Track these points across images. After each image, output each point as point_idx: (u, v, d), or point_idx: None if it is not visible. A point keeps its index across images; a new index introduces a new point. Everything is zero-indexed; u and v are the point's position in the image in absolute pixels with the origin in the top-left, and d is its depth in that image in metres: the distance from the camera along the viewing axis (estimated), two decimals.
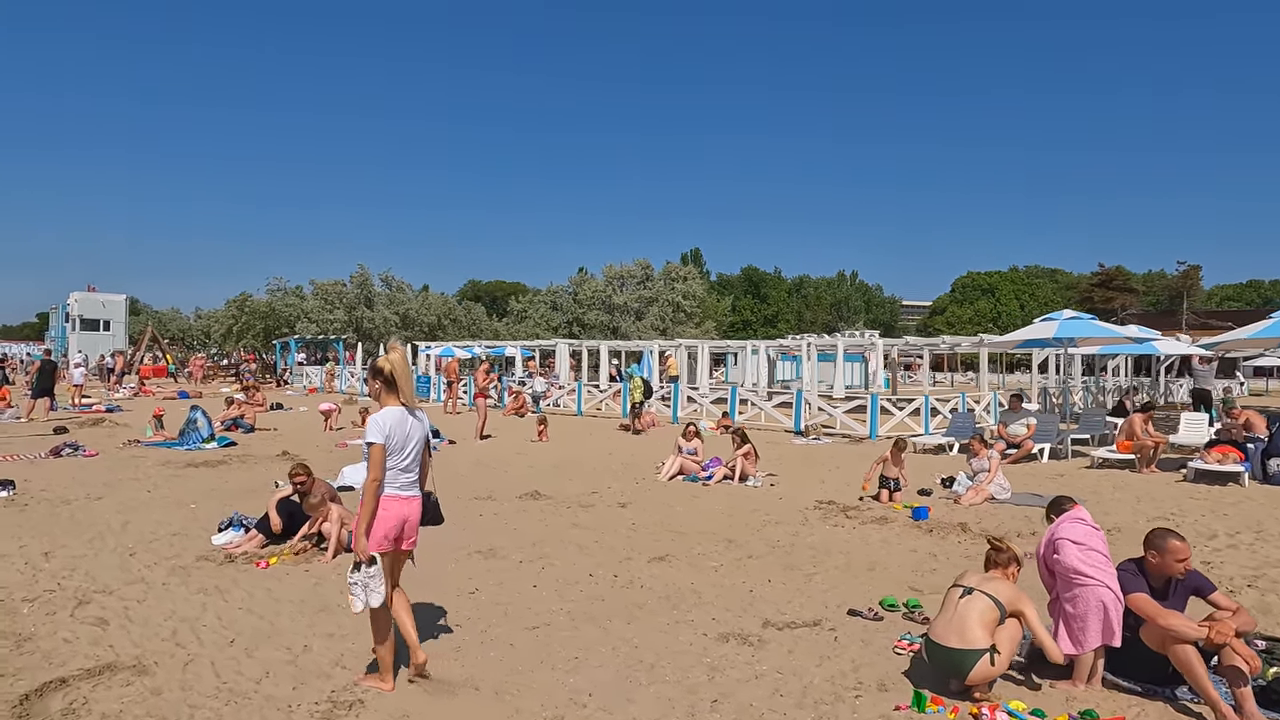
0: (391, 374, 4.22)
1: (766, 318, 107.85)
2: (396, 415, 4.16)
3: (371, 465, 4.06)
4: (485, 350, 33.93)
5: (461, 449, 15.42)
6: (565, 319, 54.60)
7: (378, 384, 4.25)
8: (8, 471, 11.71)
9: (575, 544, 7.69)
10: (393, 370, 4.22)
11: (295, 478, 7.68)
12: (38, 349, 74.31)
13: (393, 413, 4.16)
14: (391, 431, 4.11)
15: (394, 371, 4.22)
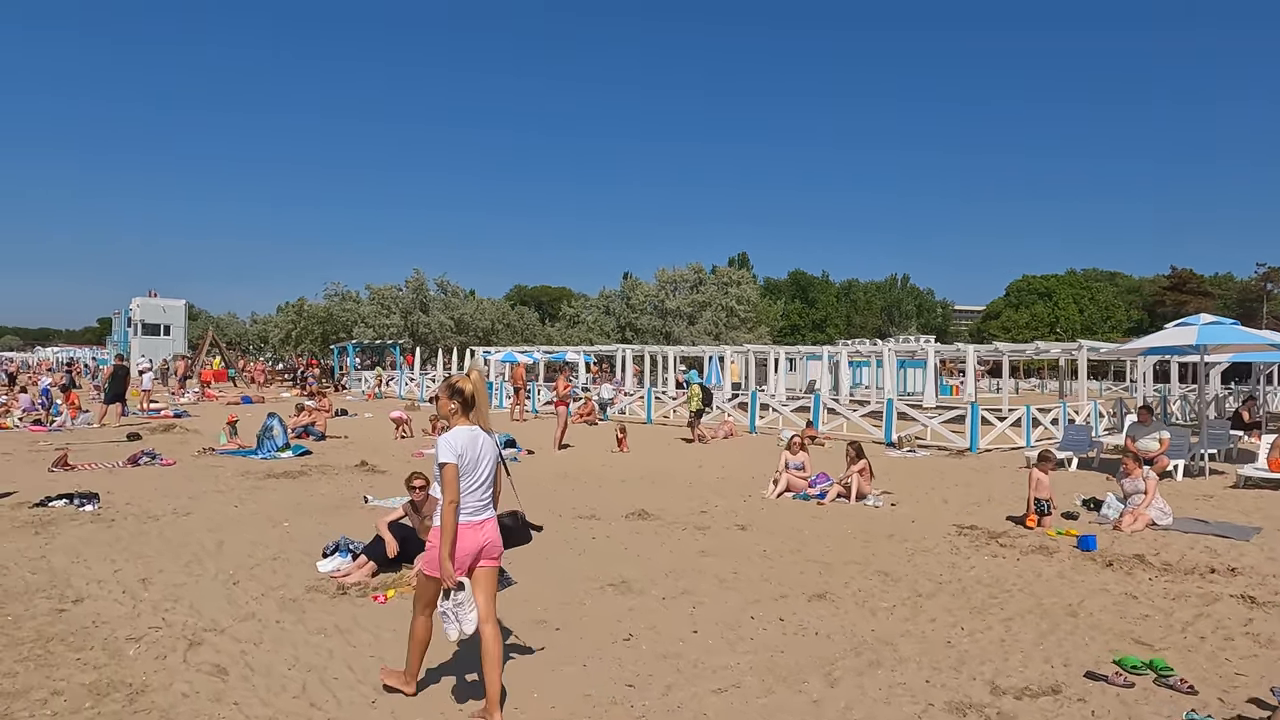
0: (472, 396, 4.13)
1: (815, 322, 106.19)
2: (467, 435, 4.04)
3: (446, 487, 3.92)
4: (545, 355, 33.42)
5: (542, 460, 14.73)
6: (617, 324, 53.94)
7: (454, 404, 4.12)
8: (89, 482, 11.30)
9: (714, 576, 6.88)
10: (474, 393, 4.13)
11: (415, 486, 7.01)
12: (102, 354, 76.14)
13: (463, 432, 4.04)
14: (463, 451, 3.98)
15: (475, 394, 4.13)
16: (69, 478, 11.80)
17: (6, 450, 14.87)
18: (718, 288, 56.11)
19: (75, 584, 6.47)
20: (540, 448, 16.13)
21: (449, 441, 3.97)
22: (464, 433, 4.03)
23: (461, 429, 4.05)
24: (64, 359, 60.09)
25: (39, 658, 4.95)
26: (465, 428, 4.06)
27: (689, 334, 52.77)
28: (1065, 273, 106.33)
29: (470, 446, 4.01)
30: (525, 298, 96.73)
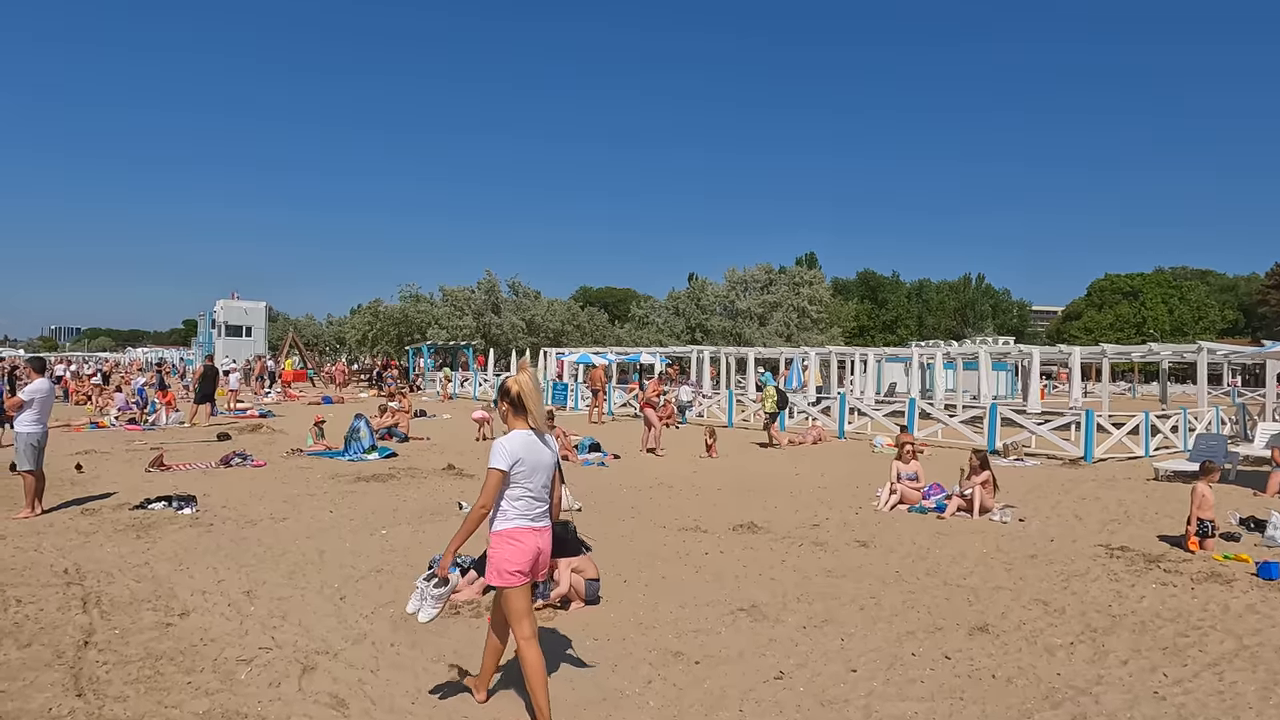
0: (520, 395, 3.90)
1: (885, 323, 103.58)
2: (524, 440, 3.86)
3: (484, 490, 3.78)
4: (618, 356, 33.05)
5: (630, 465, 14.24)
6: (687, 325, 53.33)
7: (505, 405, 3.95)
8: (185, 483, 11.27)
9: (851, 601, 6.24)
10: (520, 391, 3.90)
11: None
12: (188, 354, 79.08)
13: (520, 437, 3.86)
14: (520, 457, 3.80)
15: (522, 393, 3.90)
16: (165, 479, 11.82)
17: (105, 449, 15.11)
18: (789, 288, 55.00)
19: (180, 595, 6.21)
20: (624, 452, 15.66)
21: (505, 446, 3.80)
22: (521, 438, 3.85)
23: (520, 433, 3.87)
24: (154, 359, 62.43)
25: (149, 679, 4.64)
26: (523, 432, 3.88)
27: (760, 335, 51.81)
28: (1152, 271, 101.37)
29: (529, 452, 3.84)
30: (590, 299, 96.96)
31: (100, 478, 11.80)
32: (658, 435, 15.83)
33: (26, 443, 9.01)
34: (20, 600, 6.05)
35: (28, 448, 9.01)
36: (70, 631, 5.40)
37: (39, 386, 9.22)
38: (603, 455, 15.01)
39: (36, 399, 9.13)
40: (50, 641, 5.21)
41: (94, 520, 8.91)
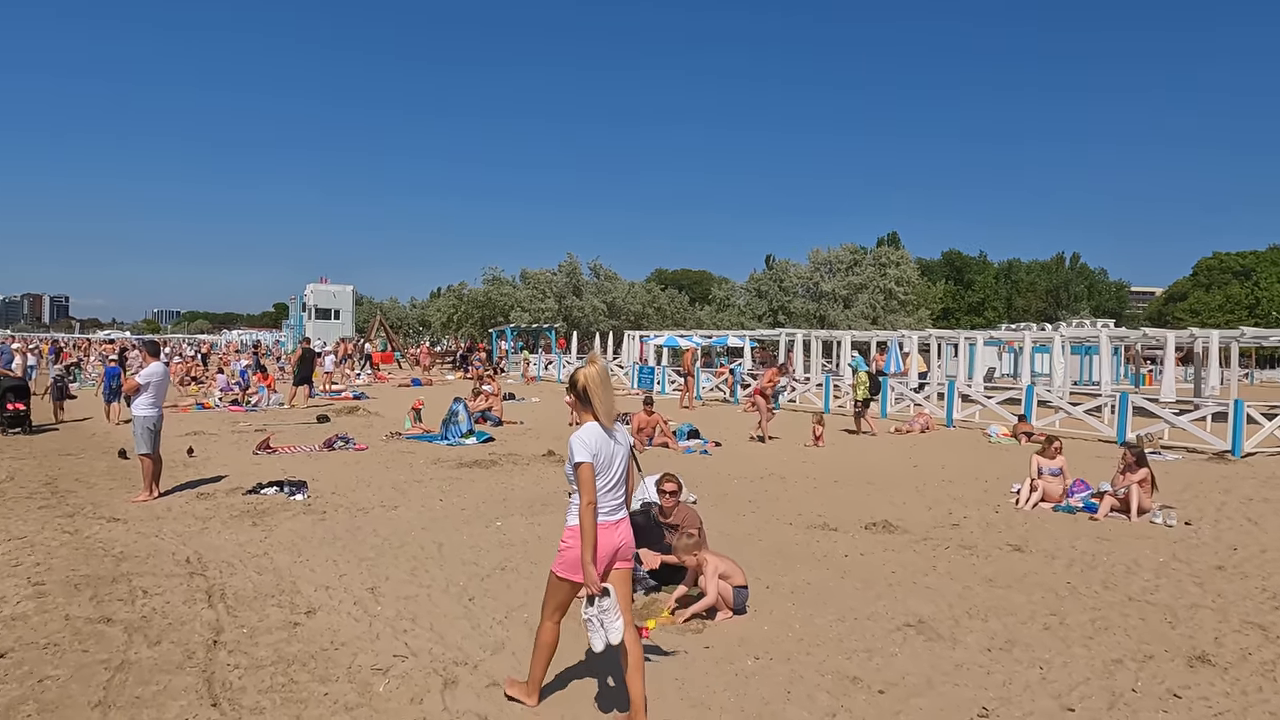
0: (585, 390, 3.79)
1: (971, 305, 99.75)
2: (597, 432, 3.75)
3: (583, 487, 3.68)
4: (703, 340, 32.40)
5: (734, 454, 13.65)
6: (769, 307, 52.23)
7: (572, 397, 3.87)
8: (291, 466, 11.22)
9: (1030, 619, 5.53)
10: (587, 385, 3.79)
11: (665, 490, 6.08)
12: (280, 336, 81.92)
13: (593, 429, 3.76)
14: (598, 449, 3.72)
15: (588, 387, 3.78)
16: (272, 462, 11.81)
17: (212, 430, 15.35)
18: (875, 269, 53.26)
19: (303, 590, 5.94)
20: (719, 438, 15.07)
21: (582, 439, 3.70)
22: (595, 429, 3.76)
23: (594, 425, 3.77)
24: (250, 341, 64.82)
25: (283, 688, 4.32)
26: (593, 424, 3.78)
27: (845, 318, 50.35)
28: (1267, 249, 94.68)
29: (602, 445, 3.75)
30: (666, 282, 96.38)
31: (210, 460, 11.88)
32: (762, 422, 15.15)
33: (143, 426, 8.99)
34: (146, 591, 5.88)
35: (144, 431, 8.99)
36: (198, 628, 5.16)
37: (154, 370, 9.19)
38: (703, 442, 14.48)
39: (152, 382, 9.10)
40: (179, 639, 4.97)
41: (209, 505, 8.84)
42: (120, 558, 6.73)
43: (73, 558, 6.72)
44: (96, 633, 5.07)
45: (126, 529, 7.75)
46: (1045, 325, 50.20)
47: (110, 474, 10.79)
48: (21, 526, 7.79)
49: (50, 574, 6.26)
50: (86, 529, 7.71)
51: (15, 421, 15.15)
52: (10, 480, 10.31)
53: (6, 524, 7.92)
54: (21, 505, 8.79)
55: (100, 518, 8.20)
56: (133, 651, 4.78)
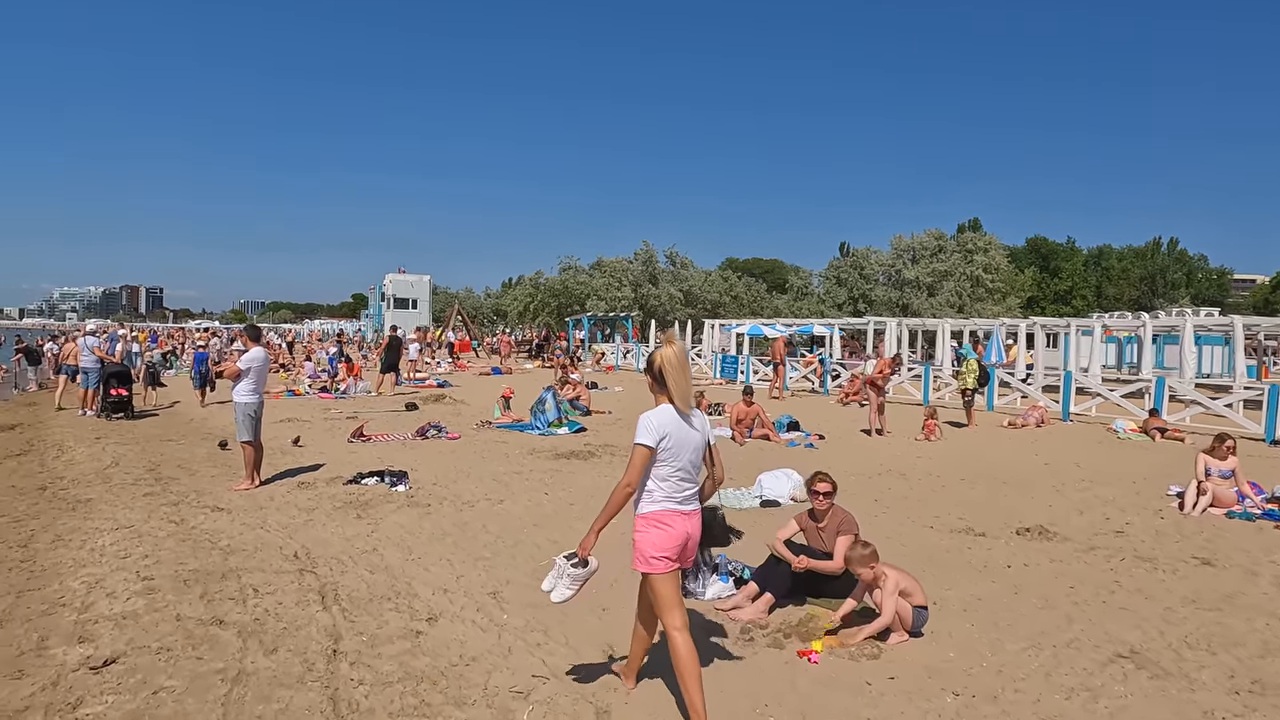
0: (661, 370, 3.65)
1: (1058, 294, 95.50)
2: (670, 415, 3.63)
3: (630, 467, 3.56)
4: (786, 328, 31.39)
5: (842, 447, 12.83)
6: (849, 295, 50.66)
7: (649, 379, 3.75)
8: (388, 455, 10.93)
9: (1269, 653, 4.67)
10: (663, 366, 3.65)
11: (818, 491, 5.42)
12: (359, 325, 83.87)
13: (666, 412, 3.63)
14: (667, 434, 3.58)
15: (664, 367, 3.64)
16: (368, 450, 11.56)
17: (305, 417, 15.29)
18: (961, 255, 51.11)
19: (420, 593, 5.49)
20: (821, 431, 14.25)
21: (651, 422, 3.59)
22: (667, 412, 3.63)
23: (666, 408, 3.65)
24: (333, 330, 66.44)
25: (415, 711, 3.83)
26: (667, 407, 3.65)
27: (929, 306, 48.46)
28: None
29: (676, 428, 3.61)
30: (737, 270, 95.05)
31: (308, 448, 11.69)
32: (878, 416, 14.21)
33: (244, 413, 8.75)
34: (257, 590, 5.51)
35: (246, 418, 8.76)
36: (315, 634, 4.73)
37: (255, 355, 8.93)
38: (805, 435, 13.71)
39: (254, 368, 8.85)
40: (297, 647, 4.55)
41: (311, 495, 8.54)
42: (228, 551, 6.42)
43: (180, 550, 6.44)
44: (210, 636, 4.69)
45: (231, 519, 7.47)
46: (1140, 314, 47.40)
47: (211, 461, 10.67)
48: (128, 514, 7.60)
49: (159, 567, 5.97)
50: (192, 518, 7.47)
51: (118, 406, 15.38)
52: (115, 466, 10.28)
53: (114, 511, 7.75)
54: (127, 492, 8.65)
55: (204, 506, 7.97)
56: (249, 660, 4.37)
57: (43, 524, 7.43)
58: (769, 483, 8.60)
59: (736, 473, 9.95)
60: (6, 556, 6.41)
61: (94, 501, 8.24)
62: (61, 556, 6.33)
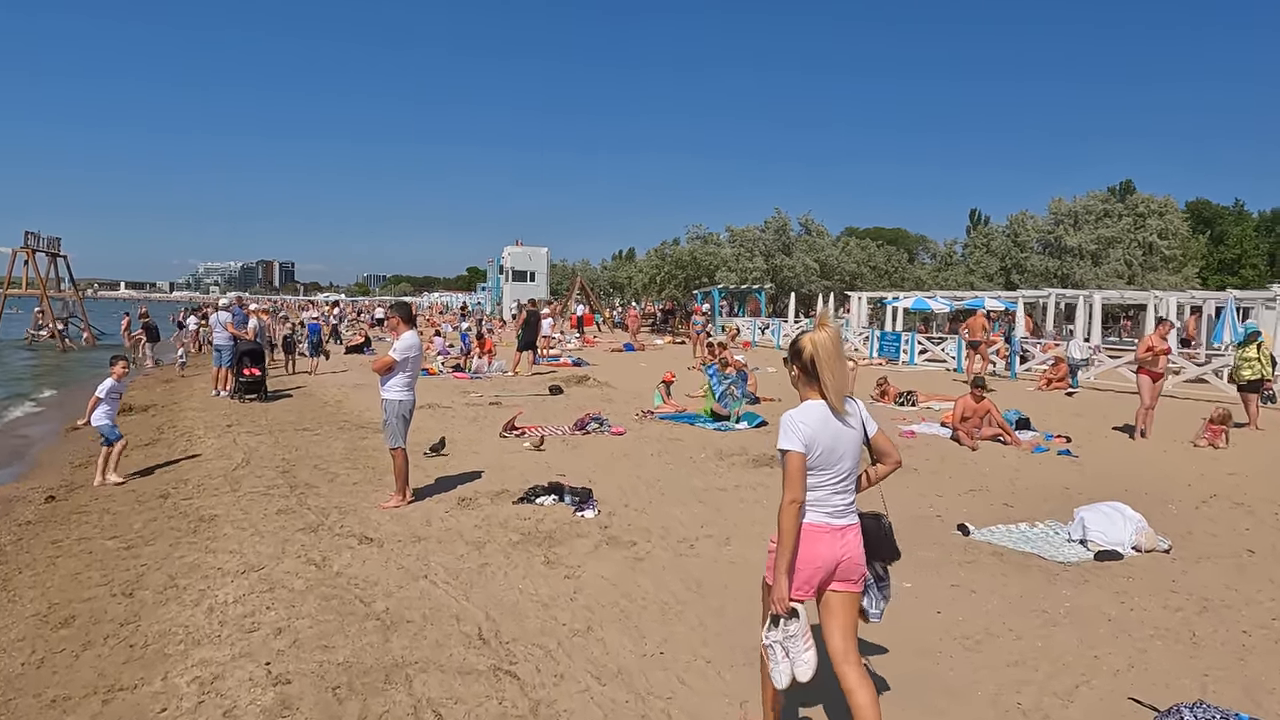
0: (813, 360, 3.04)
1: (1224, 262, 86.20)
2: (819, 414, 3.02)
3: (788, 481, 2.97)
4: (950, 302, 28.05)
5: (1104, 452, 10.10)
6: (1001, 265, 46.26)
7: (795, 369, 3.11)
8: (553, 457, 9.05)
9: None
10: (814, 355, 3.03)
11: None
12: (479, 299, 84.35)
13: (815, 410, 3.03)
14: (814, 436, 2.98)
15: (816, 356, 3.03)
16: (525, 448, 9.74)
17: (445, 402, 13.70)
18: (1131, 220, 45.70)
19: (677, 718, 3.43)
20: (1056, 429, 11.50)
21: (795, 423, 2.99)
22: (816, 410, 3.01)
23: (813, 405, 3.03)
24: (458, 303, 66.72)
25: None
26: (817, 403, 3.03)
27: (1094, 276, 43.55)
28: None
29: (825, 429, 2.99)
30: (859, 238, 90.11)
31: (456, 443, 9.99)
32: (1147, 412, 11.27)
33: (397, 413, 6.98)
34: (434, 705, 3.59)
35: (398, 420, 6.99)
36: None
37: (408, 343, 7.09)
38: (1046, 436, 11.04)
39: (409, 359, 7.04)
40: None
41: (477, 519, 6.69)
42: (386, 624, 4.57)
43: (324, 617, 4.64)
44: None
45: (385, 560, 5.68)
46: None
47: (350, 460, 9.08)
48: (257, 547, 5.94)
49: (297, 653, 4.17)
50: (336, 557, 5.72)
51: (251, 388, 14.30)
52: (246, 465, 8.83)
53: (241, 539, 6.12)
54: (259, 506, 7.07)
55: (349, 535, 6.24)
56: None
57: (158, 552, 5.90)
58: (1096, 523, 6.14)
59: (1003, 496, 7.51)
60: (106, 610, 4.83)
61: (219, 520, 6.67)
62: (173, 617, 4.67)
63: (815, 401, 3.06)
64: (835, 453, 3.02)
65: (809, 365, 3.06)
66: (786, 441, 2.99)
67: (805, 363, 3.07)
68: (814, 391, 3.08)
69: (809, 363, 3.05)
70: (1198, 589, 5.29)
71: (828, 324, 3.11)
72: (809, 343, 3.06)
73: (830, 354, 3.03)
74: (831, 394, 3.04)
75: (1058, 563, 5.79)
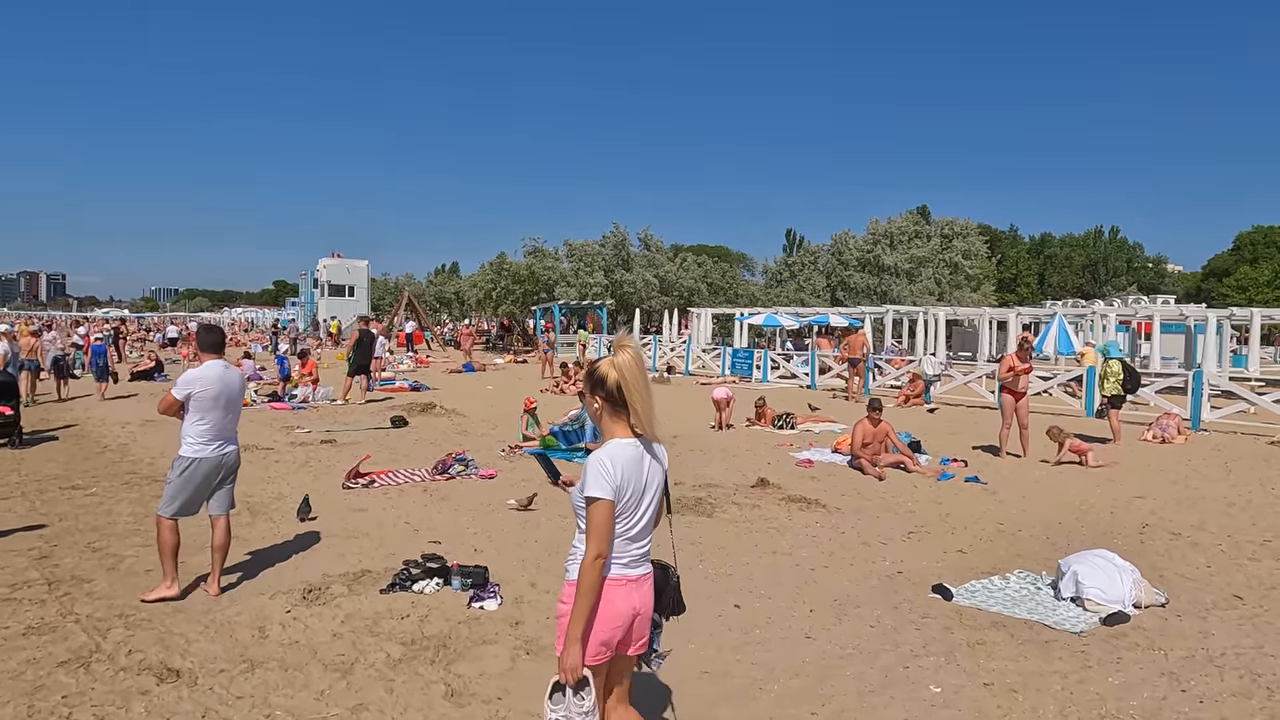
0: (619, 386, 2.67)
1: (1003, 281, 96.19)
2: (631, 454, 2.64)
3: (596, 535, 2.57)
4: (792, 319, 28.32)
5: (1006, 477, 9.70)
6: (827, 282, 48.23)
7: (598, 401, 2.70)
8: (415, 511, 7.27)
9: None
10: (620, 380, 2.67)
11: None
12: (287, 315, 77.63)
13: (626, 450, 2.64)
14: (625, 480, 2.61)
15: (624, 382, 2.66)
16: (378, 500, 7.87)
17: (265, 441, 11.34)
18: (939, 241, 49.22)
19: None
20: (954, 453, 11.14)
21: (604, 466, 2.57)
22: (627, 450, 2.64)
23: (623, 444, 2.65)
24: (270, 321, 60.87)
25: None
26: (627, 442, 2.66)
27: (909, 293, 46.37)
28: None
29: (635, 470, 2.64)
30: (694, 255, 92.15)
31: (286, 499, 7.94)
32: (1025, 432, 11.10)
33: (179, 473, 5.05)
34: None
35: (178, 481, 5.08)
36: None
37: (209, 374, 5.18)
38: (943, 461, 10.57)
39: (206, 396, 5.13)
40: None
41: (333, 621, 4.88)
42: None
43: None
44: None
45: (199, 712, 3.80)
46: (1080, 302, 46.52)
47: (142, 530, 6.82)
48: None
49: None
50: (118, 713, 3.77)
51: (2, 431, 11.20)
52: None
53: None
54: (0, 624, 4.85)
55: (142, 667, 4.26)
56: None
57: None
58: (1091, 578, 5.32)
59: (944, 540, 6.65)
60: None
61: None
62: None
63: (625, 440, 2.69)
64: (644, 496, 2.70)
65: (615, 393, 2.68)
66: (596, 488, 2.58)
67: (610, 391, 2.68)
68: (621, 423, 2.72)
69: (615, 390, 2.68)
70: (1236, 657, 4.54)
71: (629, 345, 2.74)
72: (612, 369, 2.69)
73: (638, 378, 2.68)
74: (645, 423, 2.70)
75: (1071, 632, 4.89)
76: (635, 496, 2.68)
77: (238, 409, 5.45)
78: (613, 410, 2.71)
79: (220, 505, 5.39)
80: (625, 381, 2.67)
